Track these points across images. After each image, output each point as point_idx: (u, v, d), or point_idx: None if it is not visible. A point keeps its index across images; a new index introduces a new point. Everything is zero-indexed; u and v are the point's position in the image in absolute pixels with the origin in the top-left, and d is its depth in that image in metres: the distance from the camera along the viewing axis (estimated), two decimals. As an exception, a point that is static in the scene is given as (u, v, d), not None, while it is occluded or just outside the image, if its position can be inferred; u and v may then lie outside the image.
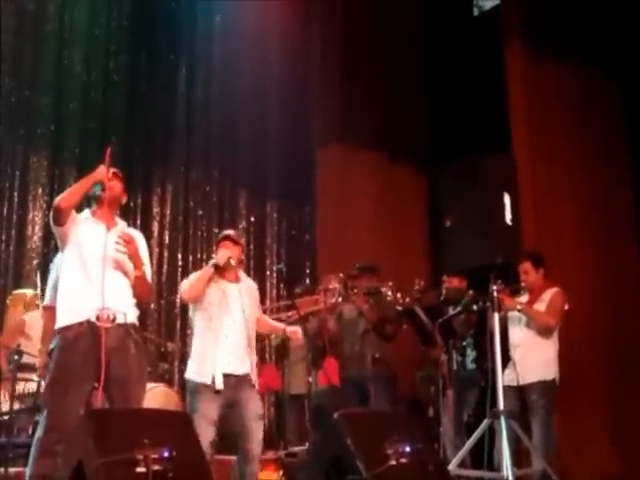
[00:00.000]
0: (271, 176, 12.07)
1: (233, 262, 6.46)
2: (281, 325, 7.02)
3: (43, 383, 6.04)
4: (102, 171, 5.67)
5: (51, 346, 5.50)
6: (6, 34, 10.55)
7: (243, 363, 6.37)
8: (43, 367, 6.95)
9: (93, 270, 5.47)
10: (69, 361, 5.33)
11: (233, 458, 6.82)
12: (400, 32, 12.18)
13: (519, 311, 7.57)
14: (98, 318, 5.34)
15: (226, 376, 6.24)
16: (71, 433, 5.10)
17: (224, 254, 6.41)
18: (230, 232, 6.72)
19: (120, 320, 5.43)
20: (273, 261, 11.88)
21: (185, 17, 11.88)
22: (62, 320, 5.47)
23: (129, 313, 5.52)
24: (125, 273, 5.62)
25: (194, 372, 6.36)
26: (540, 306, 7.68)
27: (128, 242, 5.60)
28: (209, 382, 6.21)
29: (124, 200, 6.15)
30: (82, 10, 11.16)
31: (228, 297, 6.42)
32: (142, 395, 5.63)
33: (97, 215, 5.76)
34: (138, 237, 5.92)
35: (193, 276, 6.63)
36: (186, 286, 6.49)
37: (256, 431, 6.27)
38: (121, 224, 5.89)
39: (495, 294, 6.70)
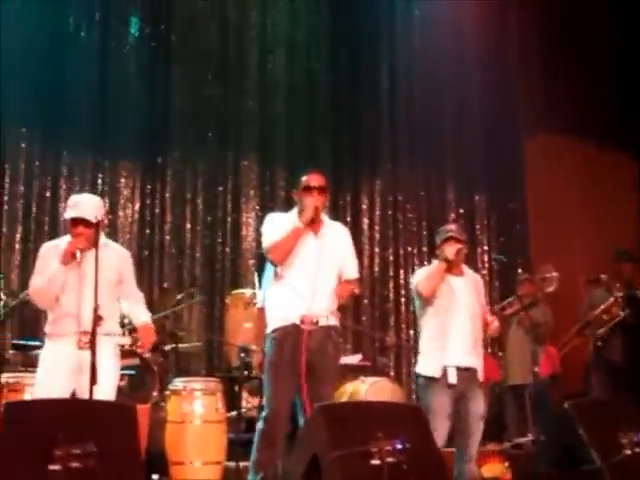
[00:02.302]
0: (478, 168, 11.91)
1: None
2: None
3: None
4: (307, 219, 5.69)
5: (265, 346, 5.83)
6: (211, 43, 10.92)
7: (472, 356, 6.32)
8: (258, 365, 7.39)
9: (300, 278, 5.68)
10: (278, 359, 5.62)
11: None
12: (599, 14, 11.90)
13: None
14: (302, 321, 5.58)
15: (458, 369, 6.22)
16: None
17: (453, 249, 6.36)
18: (452, 229, 6.64)
19: (322, 323, 5.63)
20: (484, 252, 11.74)
21: (384, 13, 11.89)
22: (272, 323, 5.75)
23: (330, 317, 5.69)
24: (331, 278, 5.76)
25: (425, 367, 6.36)
26: None
27: None
28: (440, 375, 6.21)
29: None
30: (282, 14, 11.41)
31: (455, 291, 6.36)
32: (332, 393, 5.82)
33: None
34: (344, 233, 6.06)
35: (424, 271, 6.60)
36: (422, 282, 6.41)
37: (477, 431, 6.25)
38: (326, 224, 5.92)
39: None
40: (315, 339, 5.58)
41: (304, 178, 5.86)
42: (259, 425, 5.65)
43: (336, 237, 5.92)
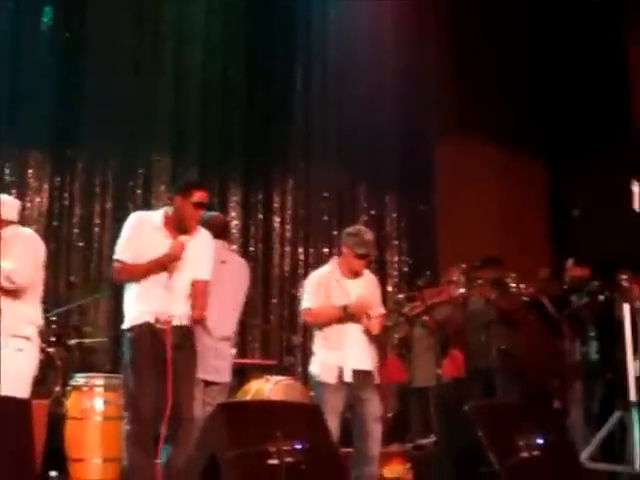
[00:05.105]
0: (390, 169, 11.98)
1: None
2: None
3: None
4: (177, 253, 5.61)
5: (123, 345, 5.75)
6: (125, 37, 10.80)
7: (367, 358, 6.38)
8: None
9: (154, 280, 5.63)
10: (139, 358, 5.57)
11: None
12: (515, 21, 12.07)
13: None
14: (157, 320, 5.55)
15: (353, 371, 6.26)
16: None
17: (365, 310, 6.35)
18: (367, 240, 6.55)
19: (176, 323, 5.56)
20: (393, 254, 11.82)
21: (300, 14, 11.91)
22: (127, 321, 5.68)
23: (183, 318, 5.62)
24: (185, 283, 5.68)
25: (319, 368, 6.39)
26: None
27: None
28: (333, 378, 6.24)
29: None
30: (198, 10, 11.30)
31: (350, 294, 6.39)
32: (192, 390, 5.70)
33: (169, 228, 5.73)
34: (204, 241, 5.89)
35: (319, 309, 6.47)
36: (313, 317, 6.49)
37: (375, 432, 6.29)
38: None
39: (624, 283, 6.52)
40: (172, 337, 5.49)
41: (196, 192, 5.65)
42: (126, 427, 5.52)
43: (195, 244, 5.75)
